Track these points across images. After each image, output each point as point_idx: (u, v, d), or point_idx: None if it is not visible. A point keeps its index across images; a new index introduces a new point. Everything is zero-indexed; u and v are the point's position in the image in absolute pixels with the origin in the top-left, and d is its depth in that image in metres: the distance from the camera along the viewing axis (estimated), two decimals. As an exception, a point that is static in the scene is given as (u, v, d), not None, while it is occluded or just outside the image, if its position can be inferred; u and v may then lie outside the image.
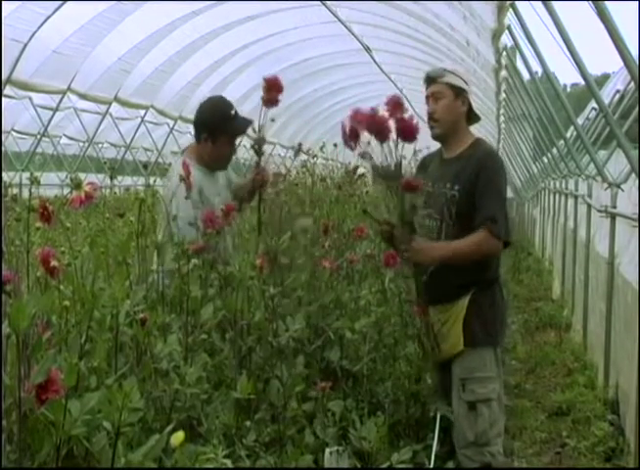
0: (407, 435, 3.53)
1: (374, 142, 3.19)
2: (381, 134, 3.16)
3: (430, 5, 8.76)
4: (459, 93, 3.57)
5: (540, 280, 12.12)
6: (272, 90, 3.44)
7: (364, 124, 3.15)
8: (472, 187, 3.47)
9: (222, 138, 3.69)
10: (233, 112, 3.72)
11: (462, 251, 3.46)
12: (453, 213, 3.50)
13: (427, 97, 3.63)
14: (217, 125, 3.68)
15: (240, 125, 3.69)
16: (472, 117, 3.66)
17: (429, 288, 3.55)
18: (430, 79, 3.62)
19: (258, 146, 3.63)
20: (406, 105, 3.22)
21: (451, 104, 3.56)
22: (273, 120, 3.60)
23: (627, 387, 5.00)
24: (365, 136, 3.19)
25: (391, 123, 3.14)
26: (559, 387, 6.51)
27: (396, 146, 3.18)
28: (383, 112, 3.18)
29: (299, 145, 4.45)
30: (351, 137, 3.19)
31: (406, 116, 3.16)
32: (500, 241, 3.46)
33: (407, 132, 3.16)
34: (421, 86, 3.74)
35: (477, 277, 3.52)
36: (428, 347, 3.57)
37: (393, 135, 3.16)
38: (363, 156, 3.20)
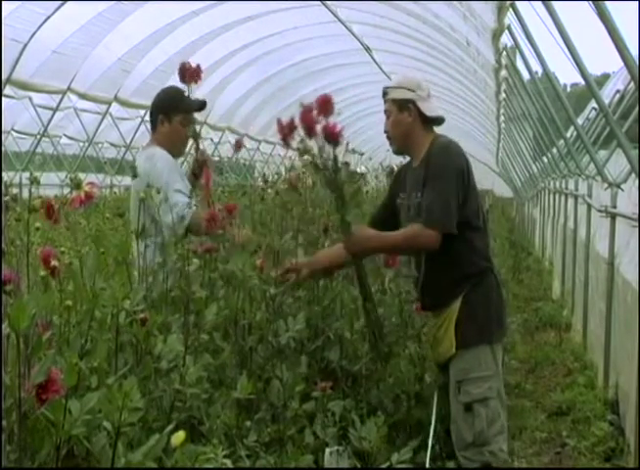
0: (408, 435, 3.53)
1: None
2: (310, 130, 3.20)
3: (430, 5, 8.77)
4: (402, 105, 3.55)
5: (540, 280, 12.12)
6: None
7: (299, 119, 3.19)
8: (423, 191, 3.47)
9: (177, 117, 3.84)
10: (185, 93, 3.89)
11: (395, 242, 3.47)
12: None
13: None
14: (171, 104, 3.86)
15: (192, 103, 3.86)
16: (429, 121, 3.59)
17: (422, 296, 3.58)
18: (383, 99, 3.67)
19: (194, 132, 3.82)
20: (334, 106, 3.23)
21: (396, 119, 3.56)
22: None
23: (627, 387, 5.00)
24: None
25: (319, 125, 3.19)
26: (559, 387, 6.51)
27: (329, 143, 3.21)
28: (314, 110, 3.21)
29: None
30: (288, 132, 3.23)
31: (331, 120, 3.19)
32: (436, 231, 3.39)
33: (331, 136, 3.20)
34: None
35: (464, 277, 3.49)
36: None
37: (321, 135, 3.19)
38: (302, 151, 3.24)
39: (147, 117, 15.20)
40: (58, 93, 11.51)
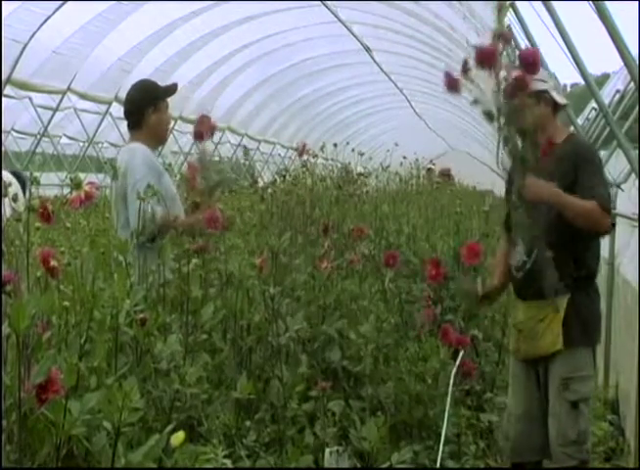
0: (409, 435, 3.53)
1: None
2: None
3: (430, 5, 8.77)
4: (539, 97, 3.47)
5: (540, 280, 12.09)
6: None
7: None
8: (570, 183, 3.38)
9: (161, 104, 3.98)
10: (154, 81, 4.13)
11: (572, 205, 3.35)
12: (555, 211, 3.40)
13: None
14: (155, 94, 3.99)
15: (167, 86, 4.04)
16: (558, 108, 3.56)
17: (525, 282, 3.51)
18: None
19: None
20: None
21: (534, 112, 3.40)
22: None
23: (627, 387, 5.00)
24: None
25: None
26: (559, 387, 6.50)
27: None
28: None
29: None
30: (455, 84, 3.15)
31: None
32: (608, 219, 3.36)
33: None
34: (420, 85, 3.69)
35: (575, 273, 3.45)
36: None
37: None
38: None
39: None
40: (58, 93, 11.50)
